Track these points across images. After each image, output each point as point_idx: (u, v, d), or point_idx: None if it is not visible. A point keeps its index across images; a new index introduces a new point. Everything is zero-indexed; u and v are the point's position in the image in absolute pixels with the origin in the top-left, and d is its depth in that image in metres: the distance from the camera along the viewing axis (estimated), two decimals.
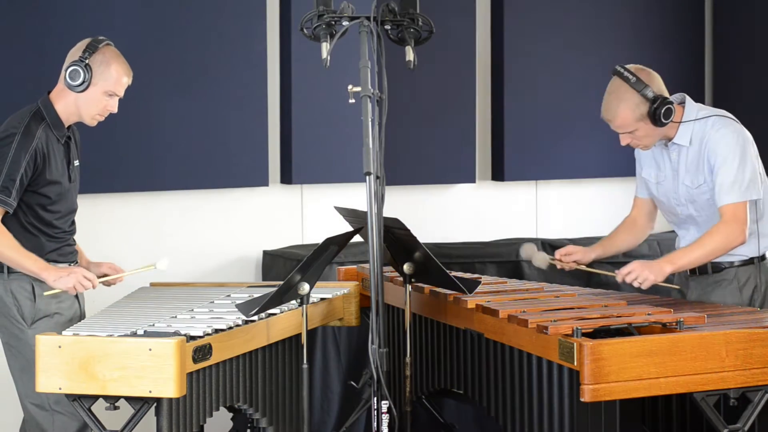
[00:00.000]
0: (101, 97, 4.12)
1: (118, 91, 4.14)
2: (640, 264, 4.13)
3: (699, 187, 4.18)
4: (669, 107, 4.09)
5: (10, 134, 4.03)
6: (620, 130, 4.18)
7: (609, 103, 4.18)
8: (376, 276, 3.46)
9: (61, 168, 4.13)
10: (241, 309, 3.81)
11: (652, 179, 4.36)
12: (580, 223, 6.40)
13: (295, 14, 5.59)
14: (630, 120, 4.12)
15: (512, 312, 3.79)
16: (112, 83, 4.11)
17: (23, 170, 4.00)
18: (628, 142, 4.21)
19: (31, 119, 4.06)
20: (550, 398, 3.60)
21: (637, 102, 4.10)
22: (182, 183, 5.48)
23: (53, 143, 4.10)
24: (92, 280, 4.05)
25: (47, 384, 3.52)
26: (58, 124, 4.12)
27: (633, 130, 4.15)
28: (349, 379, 5.16)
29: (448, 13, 5.91)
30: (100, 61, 4.10)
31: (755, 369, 3.56)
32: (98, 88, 4.10)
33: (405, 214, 4.13)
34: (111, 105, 4.16)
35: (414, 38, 3.81)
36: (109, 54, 4.13)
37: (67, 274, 4.02)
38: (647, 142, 4.20)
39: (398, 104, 5.15)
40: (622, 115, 4.12)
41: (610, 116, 4.18)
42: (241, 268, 5.66)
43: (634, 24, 6.37)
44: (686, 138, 4.18)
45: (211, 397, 3.73)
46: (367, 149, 3.45)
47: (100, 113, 4.16)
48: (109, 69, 4.10)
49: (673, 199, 4.28)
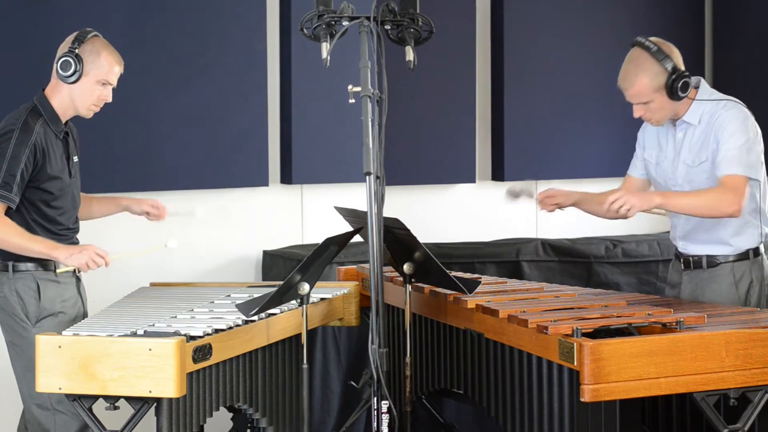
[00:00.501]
0: (94, 87, 4.13)
1: (110, 80, 4.16)
2: (628, 192, 4.10)
3: (700, 164, 4.16)
4: (686, 81, 4.08)
5: (8, 131, 4.04)
6: (635, 100, 4.15)
7: (627, 72, 4.14)
8: (376, 276, 3.46)
9: (61, 163, 4.15)
10: (241, 309, 3.81)
11: (652, 160, 4.35)
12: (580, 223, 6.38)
13: (295, 14, 5.59)
14: (647, 89, 4.10)
15: (512, 312, 3.79)
16: (104, 72, 4.13)
17: (23, 165, 4.01)
18: (641, 114, 4.18)
19: (28, 115, 4.08)
20: (550, 398, 3.60)
21: (656, 71, 4.08)
22: (182, 183, 5.48)
23: (51, 138, 4.11)
24: (104, 257, 4.06)
25: (47, 384, 3.52)
26: (55, 119, 4.13)
27: (648, 101, 4.12)
28: (349, 379, 5.16)
29: (448, 13, 5.91)
30: (90, 51, 4.12)
31: (755, 369, 3.56)
32: (90, 78, 4.12)
33: (405, 214, 4.13)
34: (105, 94, 4.17)
35: (414, 38, 3.81)
36: (98, 43, 4.15)
37: (79, 251, 4.04)
38: (659, 117, 4.18)
39: (398, 104, 5.15)
40: (639, 83, 4.10)
41: (627, 84, 4.14)
42: (241, 268, 5.66)
43: (634, 24, 6.36)
44: (696, 117, 4.17)
45: (211, 397, 3.73)
46: (367, 149, 3.45)
47: (95, 103, 4.18)
48: (99, 58, 4.12)
49: (670, 180, 4.26)
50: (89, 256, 4.03)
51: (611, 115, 6.35)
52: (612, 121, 6.36)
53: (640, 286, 5.84)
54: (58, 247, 4.04)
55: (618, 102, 6.33)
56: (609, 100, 6.34)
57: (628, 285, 5.83)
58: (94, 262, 4.04)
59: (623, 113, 6.35)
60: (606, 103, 6.34)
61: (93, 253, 4.04)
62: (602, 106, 6.34)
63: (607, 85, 6.32)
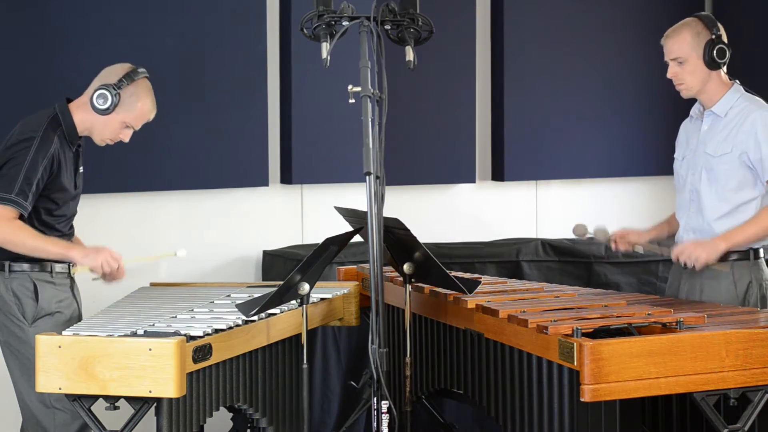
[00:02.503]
0: (118, 126, 4.16)
1: (136, 125, 4.20)
2: (693, 244, 4.21)
3: (722, 155, 4.23)
4: (723, 48, 4.19)
5: (28, 137, 4.04)
6: (673, 54, 4.25)
7: (675, 28, 4.30)
8: (376, 276, 3.46)
9: (70, 175, 4.16)
10: (241, 309, 3.81)
11: (679, 157, 4.43)
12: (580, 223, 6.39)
13: (295, 14, 5.59)
14: (687, 44, 4.21)
15: (512, 312, 3.79)
16: (134, 117, 4.16)
17: (40, 175, 4.02)
18: (674, 74, 4.27)
19: (48, 125, 4.08)
20: (550, 398, 3.60)
21: (699, 30, 4.21)
22: (182, 183, 5.48)
23: (66, 151, 4.13)
24: (118, 260, 4.07)
25: (47, 384, 3.52)
26: (72, 134, 4.14)
27: (684, 60, 4.22)
28: (349, 379, 5.16)
29: (448, 13, 5.91)
30: (132, 93, 4.13)
31: (755, 369, 3.56)
32: (119, 117, 4.14)
33: (405, 214, 4.13)
34: (124, 135, 4.22)
35: (414, 38, 3.81)
36: (142, 88, 4.16)
37: (95, 252, 4.05)
38: (690, 82, 4.25)
39: (398, 104, 5.15)
40: (682, 36, 4.23)
41: (669, 37, 4.27)
42: (241, 268, 5.66)
43: (634, 24, 6.37)
44: (724, 109, 4.25)
45: (211, 397, 3.73)
46: (367, 149, 3.45)
47: (111, 138, 4.20)
48: (136, 103, 4.15)
49: (690, 169, 4.32)
50: (104, 258, 4.05)
51: (611, 115, 6.36)
52: (612, 121, 6.36)
53: (640, 286, 5.84)
54: (73, 248, 4.08)
55: (618, 102, 6.38)
56: (609, 100, 6.36)
57: (628, 285, 5.83)
58: (108, 264, 4.05)
59: (623, 114, 6.40)
60: (606, 103, 6.34)
61: (108, 255, 4.06)
62: (602, 106, 6.34)
63: (606, 85, 6.37)
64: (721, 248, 4.16)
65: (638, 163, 6.41)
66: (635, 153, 6.40)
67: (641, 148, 6.39)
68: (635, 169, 6.44)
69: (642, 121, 6.35)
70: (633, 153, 6.42)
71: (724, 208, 4.23)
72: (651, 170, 6.40)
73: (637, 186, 6.52)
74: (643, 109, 6.39)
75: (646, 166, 6.40)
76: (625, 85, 6.35)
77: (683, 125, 4.48)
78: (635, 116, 6.36)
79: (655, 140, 6.34)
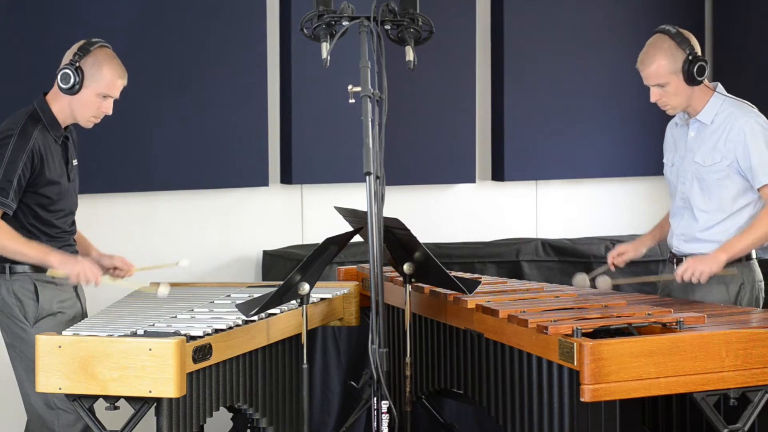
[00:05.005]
0: (94, 99, 4.11)
1: (111, 93, 4.13)
2: (694, 259, 4.18)
3: (712, 165, 4.21)
4: (703, 65, 4.15)
5: (6, 136, 4.03)
6: (652, 81, 4.20)
7: (647, 53, 4.22)
8: (376, 276, 3.46)
9: (60, 168, 4.14)
10: (241, 309, 3.81)
11: (668, 162, 4.41)
12: (580, 223, 6.40)
13: (295, 14, 5.59)
14: (664, 70, 4.16)
15: (512, 312, 3.79)
16: (105, 85, 4.10)
17: (20, 171, 4.00)
18: (657, 98, 4.23)
19: (27, 120, 4.07)
20: (550, 398, 3.60)
21: (674, 53, 4.15)
22: (182, 183, 5.48)
23: (50, 144, 4.10)
24: (96, 276, 4.04)
25: (47, 384, 3.52)
26: (54, 125, 4.12)
27: (665, 84, 4.17)
28: (349, 379, 5.16)
29: (448, 13, 5.91)
30: (92, 63, 4.09)
31: (755, 369, 3.56)
32: (91, 90, 4.09)
33: (405, 214, 4.13)
34: (105, 106, 4.15)
35: (414, 38, 3.81)
36: (102, 56, 4.11)
37: (74, 261, 4.03)
38: (675, 102, 4.22)
39: (398, 104, 5.15)
40: (658, 62, 4.16)
41: (645, 64, 4.21)
42: (241, 268, 5.66)
43: (634, 24, 6.36)
44: (709, 117, 4.22)
45: (211, 397, 3.73)
46: (367, 149, 3.45)
47: (94, 115, 4.16)
48: (101, 71, 4.09)
49: (680, 178, 4.31)
50: (82, 268, 4.01)
51: (611, 115, 6.36)
52: (612, 121, 6.36)
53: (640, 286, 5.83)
54: (52, 252, 4.03)
55: (618, 102, 6.38)
56: (609, 100, 6.36)
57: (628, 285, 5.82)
58: (85, 275, 4.01)
59: (623, 114, 6.40)
60: (606, 103, 6.34)
61: (86, 267, 4.02)
62: (602, 106, 6.34)
63: (606, 85, 6.37)
64: (722, 260, 4.15)
65: (638, 163, 6.41)
66: (635, 153, 6.40)
67: (641, 148, 6.38)
68: (635, 169, 6.44)
69: (642, 121, 6.35)
70: (633, 153, 6.41)
71: (718, 216, 4.23)
72: (651, 170, 6.39)
73: (637, 186, 6.52)
74: (643, 109, 6.36)
75: (646, 166, 6.40)
76: (625, 85, 6.34)
77: (669, 128, 4.46)
78: (635, 116, 6.36)
79: (655, 140, 6.30)
